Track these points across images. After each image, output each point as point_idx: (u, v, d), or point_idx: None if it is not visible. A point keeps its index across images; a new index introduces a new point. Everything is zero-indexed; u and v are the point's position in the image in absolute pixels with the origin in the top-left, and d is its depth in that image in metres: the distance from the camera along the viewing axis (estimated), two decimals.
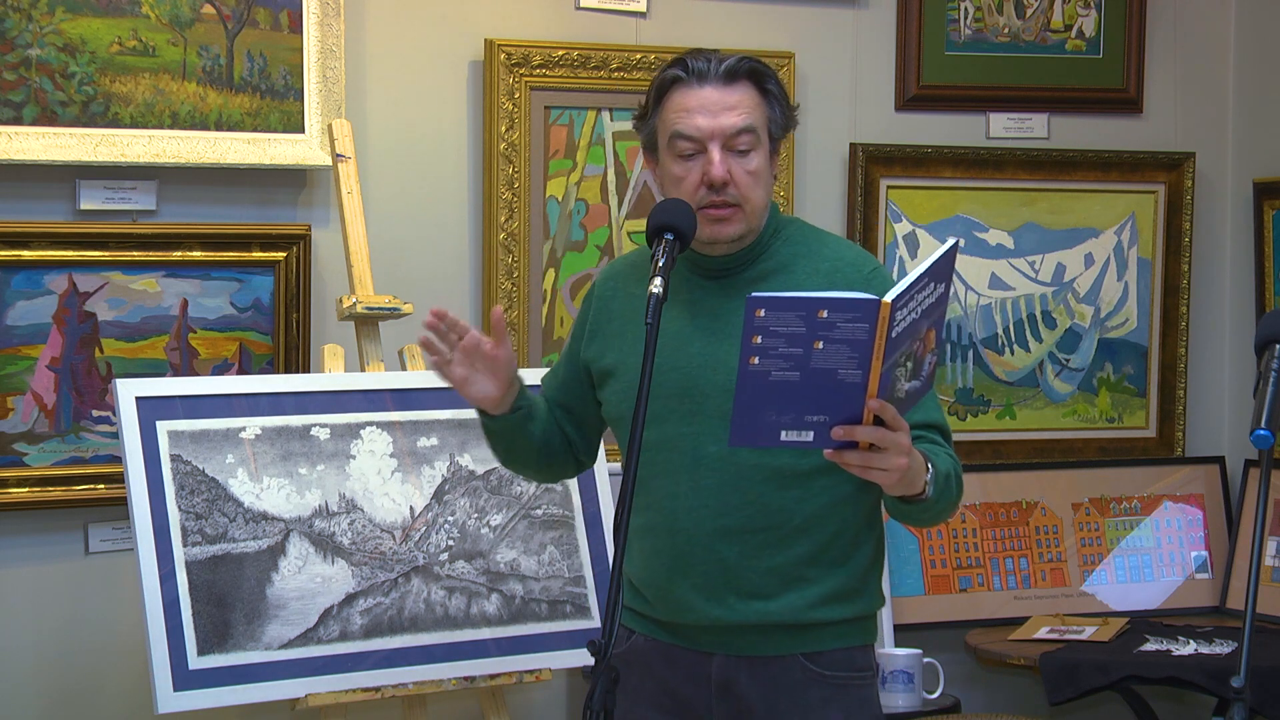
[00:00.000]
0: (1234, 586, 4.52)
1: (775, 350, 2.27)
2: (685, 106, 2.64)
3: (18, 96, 3.63)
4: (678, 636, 2.71)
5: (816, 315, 2.25)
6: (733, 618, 2.66)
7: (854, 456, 2.38)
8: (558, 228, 4.15)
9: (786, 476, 2.65)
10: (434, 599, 3.48)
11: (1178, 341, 4.68)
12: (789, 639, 2.68)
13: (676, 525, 2.66)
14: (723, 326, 2.67)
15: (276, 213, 3.90)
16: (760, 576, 2.66)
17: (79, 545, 3.79)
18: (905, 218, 4.46)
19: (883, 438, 2.36)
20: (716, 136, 2.63)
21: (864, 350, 2.27)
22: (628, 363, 2.72)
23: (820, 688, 2.69)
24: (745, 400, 2.30)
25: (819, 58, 4.40)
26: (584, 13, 4.18)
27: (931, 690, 4.08)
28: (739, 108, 2.64)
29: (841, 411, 2.33)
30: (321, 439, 3.47)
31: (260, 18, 3.83)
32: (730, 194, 2.63)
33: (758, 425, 2.33)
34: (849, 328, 2.26)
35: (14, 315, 3.66)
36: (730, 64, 2.65)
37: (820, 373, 2.28)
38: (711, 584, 2.66)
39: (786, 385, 2.29)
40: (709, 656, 2.70)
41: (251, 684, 3.31)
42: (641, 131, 2.73)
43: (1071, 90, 4.61)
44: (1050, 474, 4.59)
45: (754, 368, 2.28)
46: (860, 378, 2.29)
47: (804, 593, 2.66)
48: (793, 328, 2.26)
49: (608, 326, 2.79)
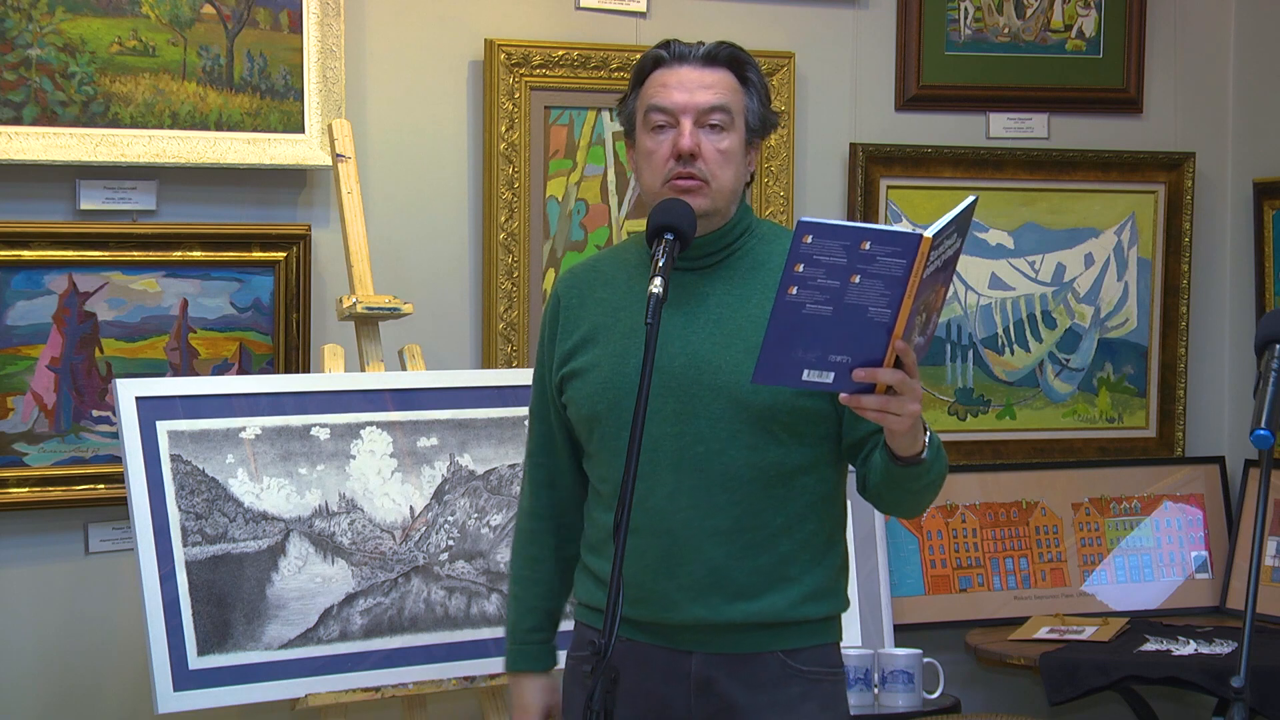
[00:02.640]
0: (1234, 586, 4.52)
1: (814, 281, 2.28)
2: (663, 82, 2.67)
3: (18, 96, 3.63)
4: (655, 636, 2.70)
5: (859, 247, 2.27)
6: (717, 618, 2.67)
7: (871, 400, 2.40)
8: (558, 228, 4.15)
9: (772, 477, 2.65)
10: (434, 599, 3.49)
11: (1178, 341, 4.68)
12: (768, 637, 2.69)
13: (663, 525, 2.65)
14: (702, 324, 2.66)
15: (276, 213, 3.90)
16: (746, 576, 2.66)
17: (79, 545, 3.79)
18: (905, 218, 4.46)
19: (903, 381, 2.38)
20: (689, 111, 2.64)
21: (897, 287, 2.30)
22: (600, 364, 2.71)
23: (798, 683, 2.70)
24: (776, 333, 2.32)
25: (819, 58, 4.40)
26: (584, 13, 4.18)
27: (931, 690, 4.08)
28: (715, 87, 2.66)
29: (864, 352, 2.35)
30: (321, 439, 3.47)
31: (260, 18, 3.83)
32: (699, 168, 2.64)
33: (783, 362, 2.34)
34: (888, 262, 2.28)
35: (14, 315, 3.66)
36: (710, 48, 2.69)
37: (851, 309, 2.31)
38: (698, 584, 2.66)
39: (818, 320, 2.31)
40: (688, 655, 2.70)
41: (251, 684, 3.31)
42: (622, 114, 2.75)
43: (1071, 90, 4.61)
44: (1050, 474, 4.59)
45: (790, 298, 2.29)
46: (889, 317, 2.32)
47: (786, 592, 2.67)
48: (834, 258, 2.27)
49: (576, 331, 2.77)
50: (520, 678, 2.88)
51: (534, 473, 2.88)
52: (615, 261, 2.81)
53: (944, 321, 4.53)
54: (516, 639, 2.88)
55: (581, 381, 2.73)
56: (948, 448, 4.51)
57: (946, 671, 4.15)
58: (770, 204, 4.29)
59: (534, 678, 2.86)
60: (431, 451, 3.56)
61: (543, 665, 2.87)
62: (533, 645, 2.87)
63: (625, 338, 2.69)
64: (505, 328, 4.07)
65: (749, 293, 2.66)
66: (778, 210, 4.29)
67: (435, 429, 3.57)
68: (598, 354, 2.72)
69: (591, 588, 2.78)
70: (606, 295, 2.74)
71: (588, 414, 2.72)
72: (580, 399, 2.73)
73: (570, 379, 2.75)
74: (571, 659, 2.84)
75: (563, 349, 2.77)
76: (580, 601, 2.82)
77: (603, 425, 2.70)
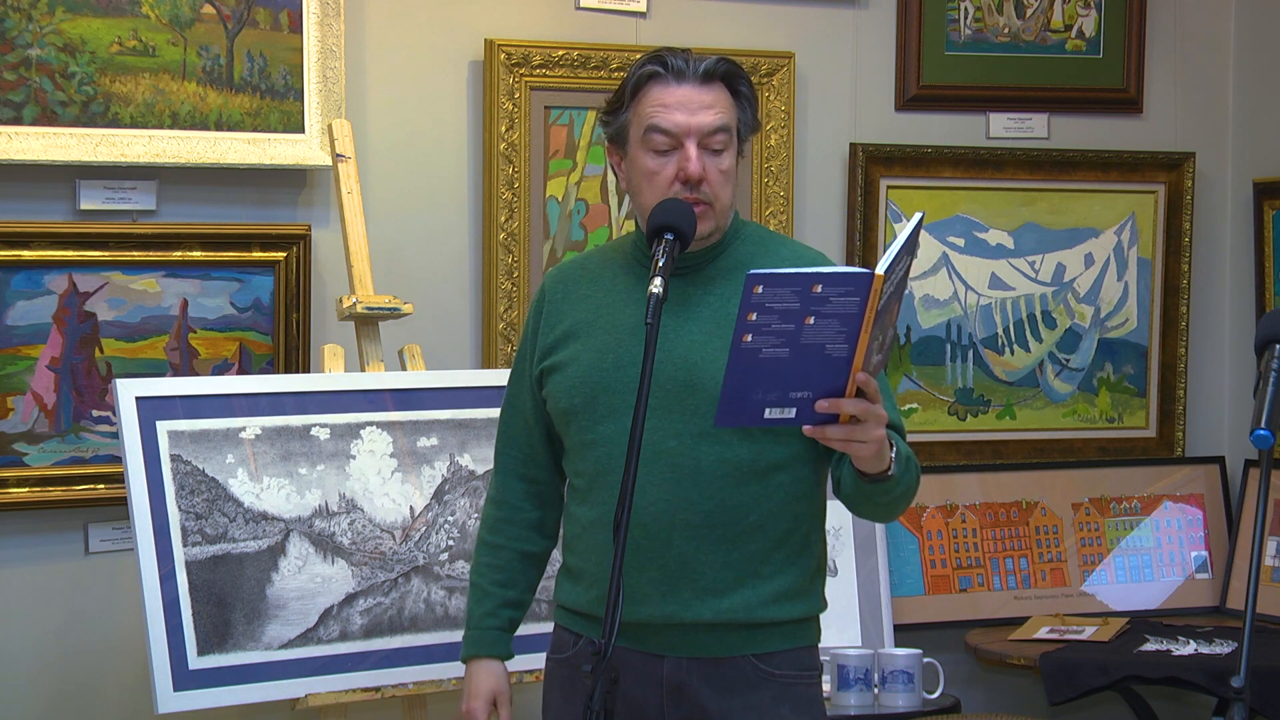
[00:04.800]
0: (1234, 586, 4.52)
1: (768, 327, 2.29)
2: (663, 102, 2.66)
3: (18, 96, 3.63)
4: (627, 639, 2.67)
5: (811, 290, 2.28)
6: (686, 615, 2.67)
7: (835, 430, 2.41)
8: (558, 228, 4.15)
9: (745, 473, 2.66)
10: (434, 599, 3.49)
11: (1178, 341, 4.68)
12: (739, 640, 2.70)
13: (635, 519, 2.64)
14: (683, 324, 2.68)
15: (276, 213, 3.90)
16: (716, 571, 2.67)
17: (79, 545, 3.79)
18: (905, 218, 4.46)
19: (866, 410, 2.40)
20: (693, 133, 2.65)
21: (853, 324, 2.31)
22: (580, 358, 2.73)
23: (770, 687, 2.71)
24: (735, 379, 2.33)
25: (819, 58, 4.40)
26: (584, 13, 4.18)
27: (931, 690, 4.08)
28: (715, 107, 2.67)
29: (824, 386, 2.36)
30: (321, 439, 3.47)
31: (260, 18, 3.83)
32: (704, 191, 2.66)
33: (744, 404, 2.35)
34: (841, 302, 2.29)
35: (14, 315, 3.66)
36: (708, 65, 2.69)
37: (809, 348, 2.32)
38: (668, 578, 2.67)
39: (775, 362, 2.32)
40: (659, 660, 2.70)
41: (251, 684, 3.31)
42: (610, 125, 2.75)
43: (1071, 90, 4.61)
44: (1050, 474, 4.59)
45: (746, 345, 2.30)
46: (846, 351, 2.33)
47: (757, 589, 2.68)
48: (787, 304, 2.28)
49: (558, 326, 2.79)
50: (472, 663, 2.90)
51: (500, 461, 2.92)
52: (602, 259, 2.83)
53: (944, 321, 4.53)
54: (470, 624, 2.92)
55: (560, 376, 2.75)
56: (948, 448, 4.57)
57: (946, 671, 4.15)
58: (770, 204, 4.29)
59: (484, 662, 2.88)
60: (431, 451, 3.56)
61: (494, 651, 2.89)
62: (486, 631, 2.89)
63: (606, 334, 2.72)
64: (505, 328, 4.07)
65: (730, 293, 2.67)
66: (778, 210, 4.29)
67: (435, 429, 3.57)
68: (577, 349, 2.74)
69: (569, 588, 2.80)
70: (590, 292, 2.77)
71: (565, 408, 2.75)
72: (558, 393, 2.75)
73: (550, 373, 2.78)
74: (550, 661, 2.86)
75: (544, 343, 2.80)
76: (559, 603, 2.84)
77: (579, 419, 2.73)
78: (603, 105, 2.79)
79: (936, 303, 4.53)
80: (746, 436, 2.65)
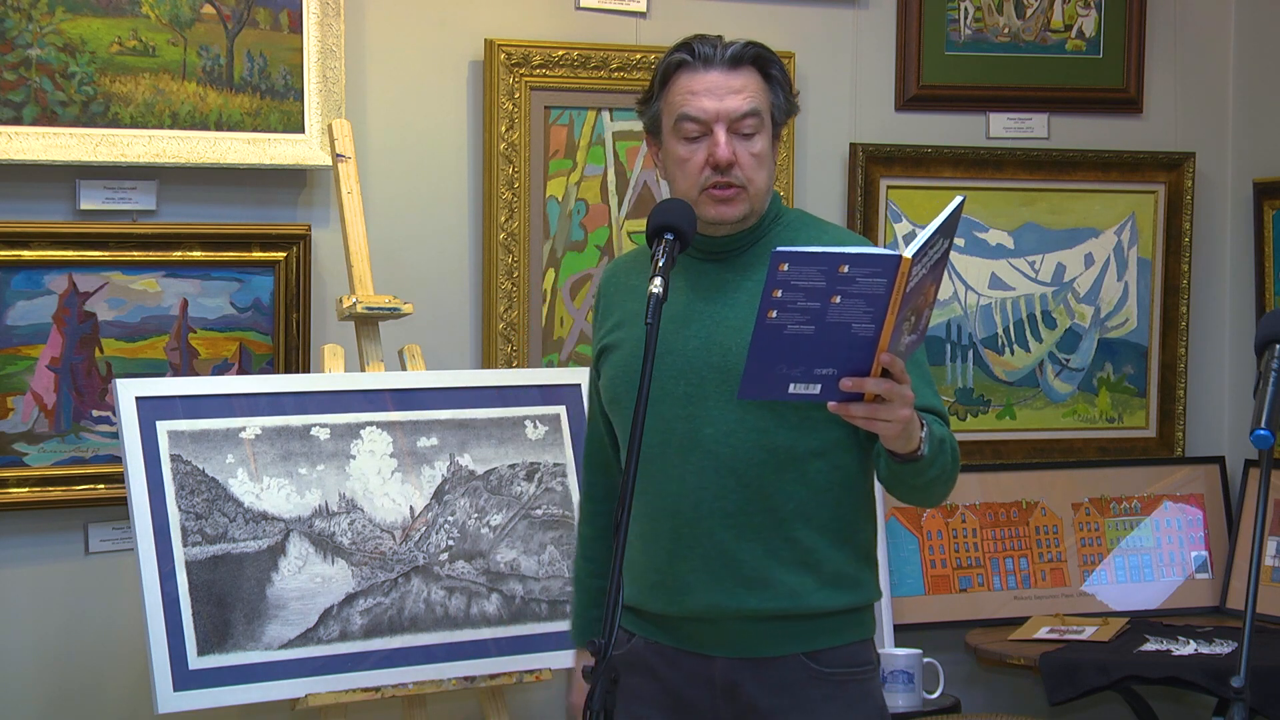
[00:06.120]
0: (1234, 586, 4.52)
1: (794, 304, 2.30)
2: (691, 89, 2.67)
3: (18, 96, 3.63)
4: (678, 638, 2.71)
5: (838, 270, 2.28)
6: (732, 603, 2.66)
7: (859, 408, 2.41)
8: (558, 228, 4.15)
9: (783, 459, 2.65)
10: (434, 599, 3.49)
11: (1178, 341, 4.68)
12: (789, 637, 2.68)
13: (673, 508, 2.67)
14: (720, 309, 2.69)
15: (276, 213, 3.90)
16: (758, 560, 2.66)
17: (79, 545, 3.79)
18: (905, 218, 4.46)
19: (890, 390, 2.39)
20: (722, 119, 2.65)
21: (879, 305, 2.31)
22: (624, 343, 2.75)
23: (822, 686, 2.70)
24: (758, 353, 2.33)
25: (819, 58, 4.40)
26: (584, 13, 4.18)
27: (931, 690, 4.08)
28: (744, 91, 2.67)
29: (850, 364, 2.36)
30: (321, 439, 3.47)
31: (260, 18, 3.83)
32: (735, 175, 2.66)
33: (767, 378, 2.35)
34: (868, 283, 2.29)
35: (14, 315, 3.66)
36: (736, 50, 2.69)
37: (834, 326, 2.32)
38: (711, 566, 2.66)
39: (800, 339, 2.32)
40: (710, 660, 2.70)
41: (251, 684, 3.31)
42: (645, 115, 2.76)
43: (1071, 90, 4.61)
44: (1050, 474, 4.59)
45: (771, 321, 2.31)
46: (873, 331, 2.33)
47: (802, 578, 2.67)
48: (813, 282, 2.29)
49: (610, 317, 2.83)
50: (578, 653, 2.97)
51: (586, 454, 2.97)
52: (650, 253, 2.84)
53: (944, 321, 4.53)
54: (573, 614, 2.98)
55: (608, 366, 2.79)
56: None
57: (946, 671, 4.15)
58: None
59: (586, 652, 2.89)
60: (431, 451, 3.56)
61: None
62: (585, 621, 2.94)
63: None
64: (505, 328, 4.07)
65: None
66: None
67: (435, 429, 3.57)
68: (623, 337, 2.77)
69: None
70: (639, 284, 2.75)
71: (610, 398, 2.79)
72: (606, 383, 2.80)
73: (603, 360, 2.82)
74: None
75: (600, 332, 2.84)
76: None
77: (620, 410, 2.76)
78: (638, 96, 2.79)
79: (937, 303, 4.52)
80: (782, 423, 2.65)
